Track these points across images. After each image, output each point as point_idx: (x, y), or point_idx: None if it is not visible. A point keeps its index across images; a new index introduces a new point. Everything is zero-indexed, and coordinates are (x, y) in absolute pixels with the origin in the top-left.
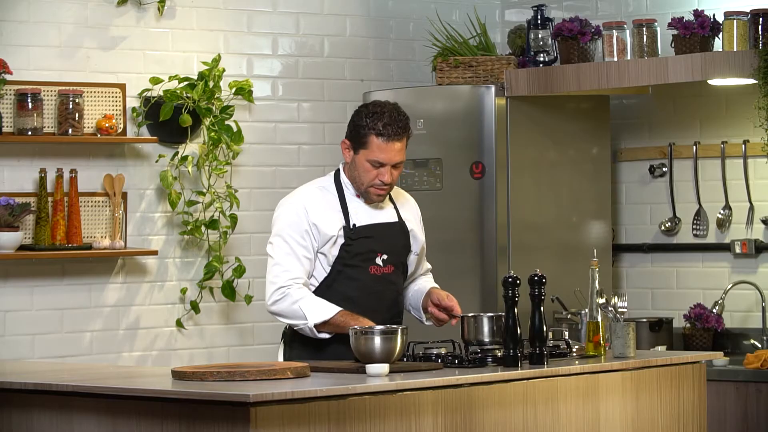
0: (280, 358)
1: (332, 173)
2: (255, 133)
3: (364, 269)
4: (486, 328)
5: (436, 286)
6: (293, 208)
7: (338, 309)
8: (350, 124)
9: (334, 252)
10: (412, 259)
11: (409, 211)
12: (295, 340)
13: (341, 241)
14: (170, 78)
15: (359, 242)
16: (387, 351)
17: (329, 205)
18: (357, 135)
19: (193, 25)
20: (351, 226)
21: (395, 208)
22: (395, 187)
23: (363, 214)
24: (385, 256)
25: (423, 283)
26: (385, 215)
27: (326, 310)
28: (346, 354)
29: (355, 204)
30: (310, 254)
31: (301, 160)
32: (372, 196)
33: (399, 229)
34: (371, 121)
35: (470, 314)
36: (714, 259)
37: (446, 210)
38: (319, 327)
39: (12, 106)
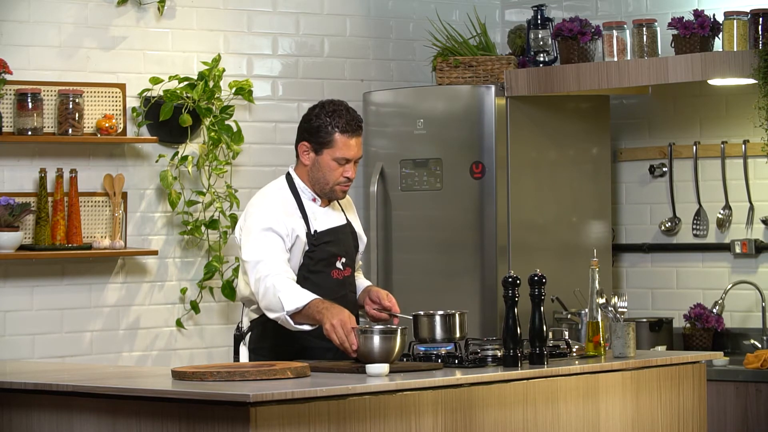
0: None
1: (282, 178)
2: (255, 133)
3: (327, 274)
4: (438, 327)
5: (370, 283)
6: (268, 207)
7: (313, 297)
8: (307, 126)
9: (298, 260)
10: (357, 258)
11: (352, 211)
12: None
13: (306, 248)
14: (170, 78)
15: (321, 248)
16: (387, 351)
17: (292, 208)
18: (318, 135)
19: (193, 25)
20: (313, 232)
21: (342, 210)
22: None
23: (320, 219)
24: (343, 260)
25: (360, 281)
26: (338, 218)
27: (300, 297)
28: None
29: (312, 209)
30: (287, 249)
31: None
32: (338, 194)
33: (349, 230)
34: (332, 120)
35: (421, 312)
36: (714, 259)
37: (446, 210)
38: (295, 317)
39: (12, 106)
